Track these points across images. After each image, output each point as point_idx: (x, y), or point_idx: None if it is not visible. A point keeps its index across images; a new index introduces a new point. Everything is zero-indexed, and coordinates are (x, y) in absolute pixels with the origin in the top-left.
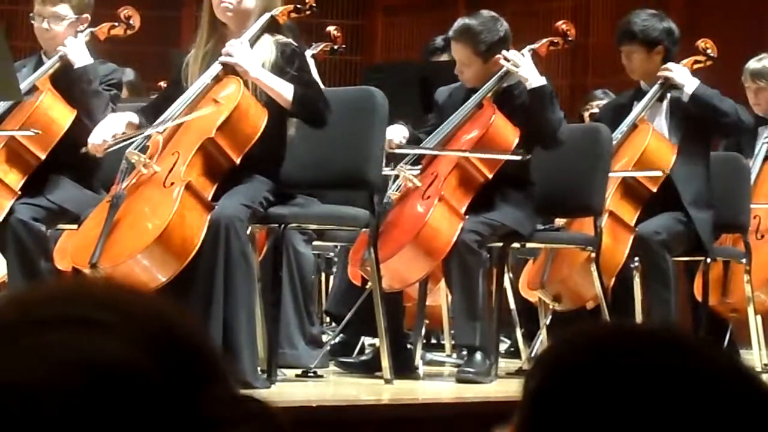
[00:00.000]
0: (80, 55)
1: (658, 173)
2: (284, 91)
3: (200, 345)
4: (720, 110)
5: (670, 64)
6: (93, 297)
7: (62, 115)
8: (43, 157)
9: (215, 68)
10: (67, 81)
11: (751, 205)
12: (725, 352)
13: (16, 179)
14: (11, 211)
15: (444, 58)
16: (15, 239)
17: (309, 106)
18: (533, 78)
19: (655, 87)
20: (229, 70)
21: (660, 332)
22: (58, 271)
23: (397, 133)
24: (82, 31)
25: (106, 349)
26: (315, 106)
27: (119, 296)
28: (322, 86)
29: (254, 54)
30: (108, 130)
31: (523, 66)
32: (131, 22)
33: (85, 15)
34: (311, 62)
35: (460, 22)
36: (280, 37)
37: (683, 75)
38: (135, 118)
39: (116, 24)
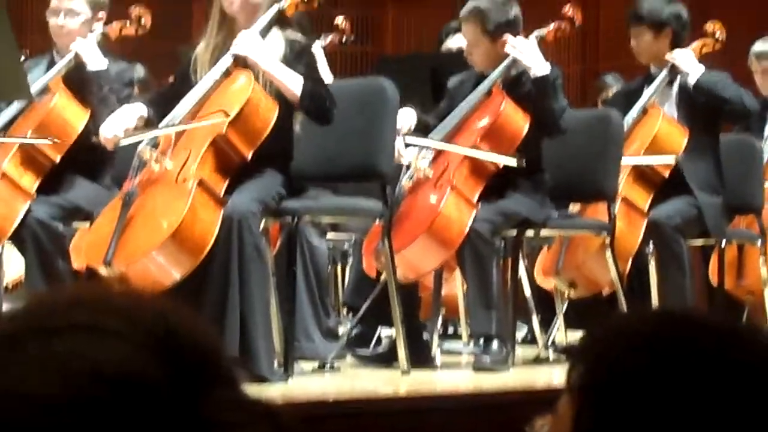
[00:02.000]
0: (93, 57)
1: (670, 159)
2: (294, 84)
3: (206, 348)
4: (723, 98)
5: (675, 51)
6: (98, 303)
7: (76, 117)
8: (57, 159)
9: (225, 62)
10: (78, 81)
11: (766, 184)
12: None
13: (30, 182)
14: (28, 211)
15: (457, 38)
16: (34, 239)
17: (317, 102)
18: (537, 66)
19: (664, 72)
20: (240, 63)
21: (705, 320)
22: (76, 271)
23: (405, 118)
24: (95, 30)
25: (112, 357)
26: (323, 102)
27: (124, 301)
28: (331, 79)
29: (265, 46)
30: (120, 124)
31: (526, 53)
32: (142, 21)
33: (100, 13)
34: (321, 54)
35: (470, 3)
36: (290, 33)
37: (688, 61)
38: (145, 111)
39: (128, 23)
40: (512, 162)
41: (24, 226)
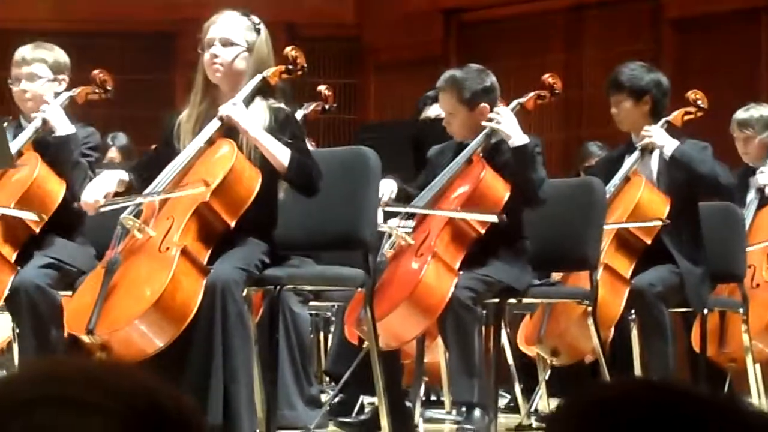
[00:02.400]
0: (61, 123)
1: (657, 222)
2: (281, 154)
3: (187, 421)
4: (698, 173)
5: (648, 127)
6: (79, 375)
7: (55, 188)
8: (37, 230)
9: (209, 130)
10: (48, 147)
11: (747, 248)
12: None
13: (10, 253)
14: (20, 276)
15: (435, 108)
16: (30, 306)
17: (303, 172)
18: (515, 136)
19: (643, 142)
20: (223, 132)
21: (686, 389)
22: (69, 339)
23: (386, 188)
24: (59, 93)
25: (92, 429)
26: (309, 173)
27: (105, 374)
28: (312, 148)
29: (250, 115)
30: (100, 188)
31: (505, 123)
32: (106, 86)
33: (62, 76)
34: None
35: (446, 73)
36: (273, 102)
37: (662, 138)
38: (126, 176)
39: (94, 89)
40: (493, 219)
41: (20, 292)
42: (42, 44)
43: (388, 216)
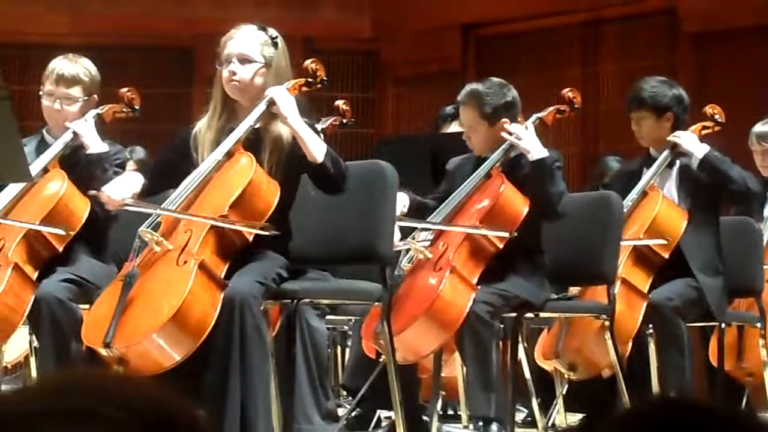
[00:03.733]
0: (94, 141)
1: (664, 241)
2: (317, 145)
3: None
4: (729, 177)
5: (678, 132)
6: (94, 389)
7: (80, 207)
8: (60, 249)
9: (229, 142)
10: (77, 164)
11: (765, 266)
12: None
13: (32, 270)
14: (41, 289)
15: (454, 126)
16: (52, 320)
17: (337, 166)
18: (535, 150)
19: (665, 153)
20: (241, 145)
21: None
22: (87, 352)
23: (398, 202)
24: (89, 111)
25: None
26: (341, 167)
27: (120, 388)
28: None
29: (291, 105)
30: (128, 187)
31: (524, 138)
32: (134, 105)
33: (94, 96)
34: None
35: (468, 87)
36: None
37: (692, 142)
38: (143, 181)
39: (122, 108)
40: (504, 234)
41: (41, 305)
42: (77, 59)
43: (404, 232)
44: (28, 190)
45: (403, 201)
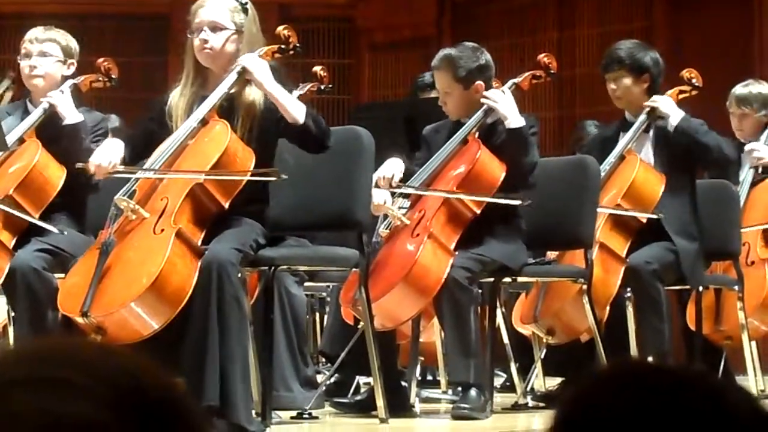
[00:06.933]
0: (70, 111)
1: (648, 215)
2: (295, 106)
3: (176, 404)
4: (703, 143)
5: (655, 96)
6: (68, 357)
7: (55, 175)
8: (36, 216)
9: (203, 110)
10: (53, 134)
11: (742, 229)
12: (746, 393)
13: (8, 238)
14: (16, 258)
15: (433, 94)
16: (27, 289)
17: (319, 124)
18: (512, 117)
19: (641, 117)
20: (215, 112)
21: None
22: (64, 321)
23: (394, 168)
24: (67, 77)
25: (75, 411)
26: (323, 124)
27: (90, 355)
28: None
29: (265, 71)
30: (114, 153)
31: (501, 104)
32: (111, 74)
33: (71, 60)
34: None
35: (441, 52)
36: None
37: (669, 105)
38: (125, 148)
39: (99, 77)
40: (517, 202)
41: (16, 275)
42: (53, 28)
43: (398, 196)
44: (4, 161)
45: (399, 167)
